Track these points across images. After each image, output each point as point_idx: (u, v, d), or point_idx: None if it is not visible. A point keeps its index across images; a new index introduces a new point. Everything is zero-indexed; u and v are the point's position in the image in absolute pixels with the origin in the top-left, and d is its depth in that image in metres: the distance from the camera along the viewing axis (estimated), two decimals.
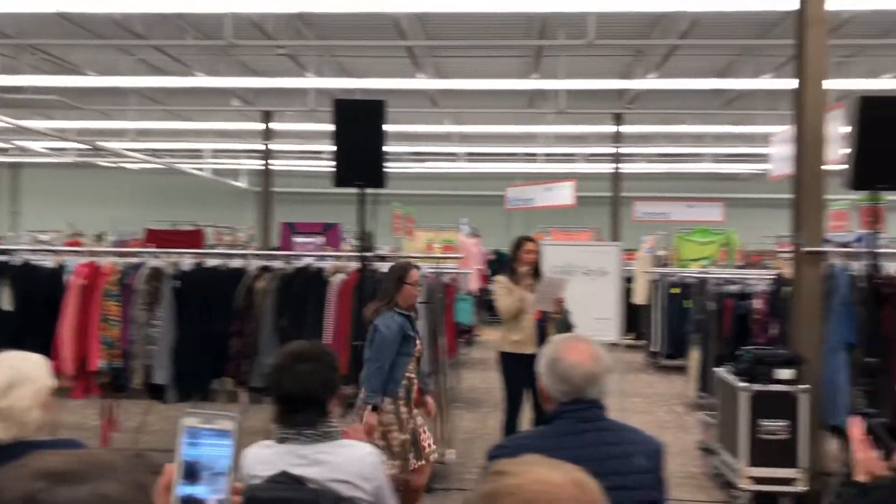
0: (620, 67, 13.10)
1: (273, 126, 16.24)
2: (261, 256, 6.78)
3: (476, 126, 17.39)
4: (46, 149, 20.63)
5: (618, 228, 15.78)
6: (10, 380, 2.23)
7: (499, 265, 12.22)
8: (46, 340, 5.85)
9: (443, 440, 6.20)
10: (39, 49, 11.70)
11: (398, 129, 16.21)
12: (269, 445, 2.42)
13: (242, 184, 23.33)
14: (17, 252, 6.71)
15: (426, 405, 4.86)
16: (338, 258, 6.77)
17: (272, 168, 16.85)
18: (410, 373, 4.71)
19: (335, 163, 5.64)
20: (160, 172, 23.58)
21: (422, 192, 22.93)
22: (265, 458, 2.37)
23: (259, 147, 16.85)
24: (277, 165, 18.64)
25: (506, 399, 5.81)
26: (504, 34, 11.13)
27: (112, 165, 23.50)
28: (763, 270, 9.93)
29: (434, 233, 14.16)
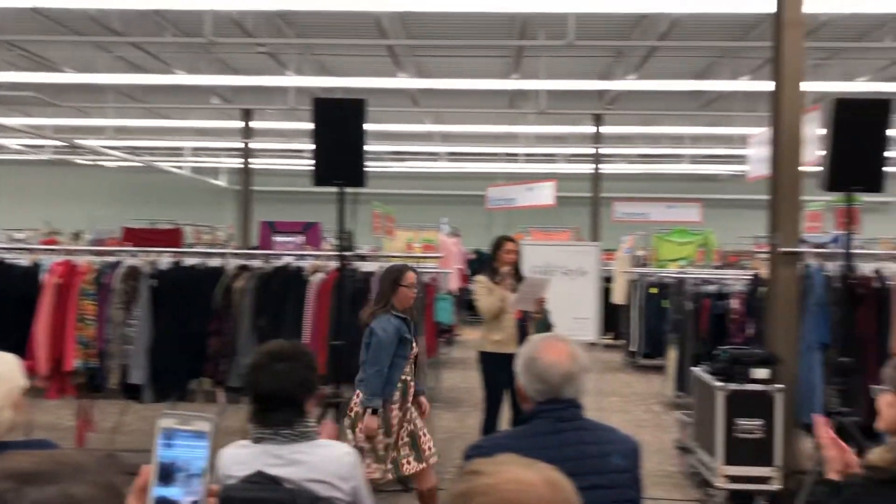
0: (600, 68, 13.16)
1: (253, 124, 16.14)
2: (239, 255, 6.73)
3: (457, 126, 17.40)
4: (22, 146, 20.38)
5: (597, 228, 15.85)
6: None
7: (479, 265, 12.23)
8: (21, 340, 5.77)
9: None
10: (15, 45, 11.55)
11: (379, 129, 16.18)
12: (245, 445, 2.40)
13: (222, 182, 23.18)
14: None
15: (420, 405, 4.86)
16: (317, 257, 6.74)
17: (252, 166, 16.76)
18: (406, 375, 4.70)
19: (315, 161, 5.62)
20: (139, 170, 23.38)
21: (403, 192, 22.91)
22: (241, 459, 2.35)
23: (239, 145, 16.75)
24: (257, 164, 18.55)
25: (485, 399, 5.82)
26: (485, 34, 11.14)
27: (89, 163, 23.27)
28: (740, 271, 10.01)
29: (414, 232, 14.15)
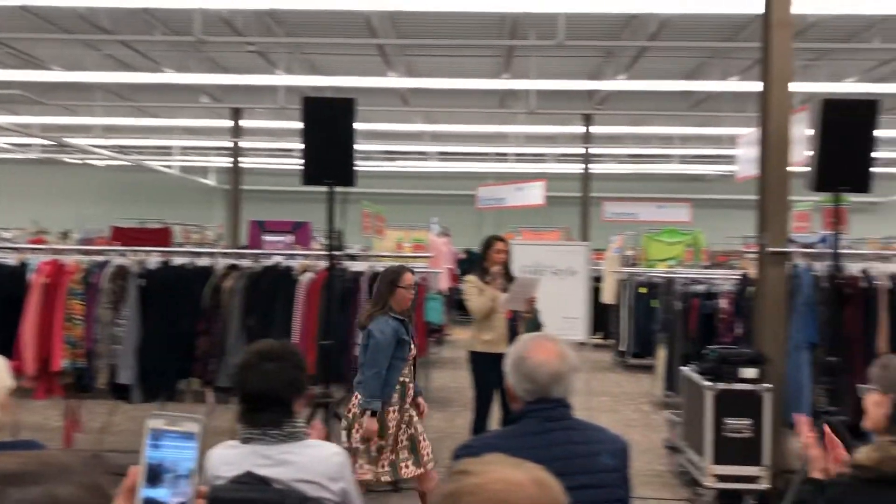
0: (590, 68, 13.19)
1: (242, 123, 16.09)
2: (228, 255, 6.71)
3: (447, 125, 17.40)
4: (10, 144, 20.26)
5: (587, 228, 15.88)
6: None
7: (470, 264, 12.25)
8: (8, 340, 5.75)
9: None
10: (3, 43, 11.47)
11: (369, 128, 16.17)
12: (234, 446, 2.39)
13: (211, 181, 23.10)
14: None
15: (418, 406, 4.86)
16: (306, 257, 6.73)
17: (241, 166, 16.71)
18: (405, 376, 4.69)
19: (304, 161, 5.61)
20: (127, 169, 23.27)
21: (393, 191, 22.89)
22: (230, 459, 2.34)
23: (228, 144, 16.70)
24: (247, 163, 18.49)
25: (475, 398, 5.82)
26: (475, 34, 11.15)
27: (78, 162, 23.15)
28: (729, 270, 10.05)
29: (404, 232, 14.14)
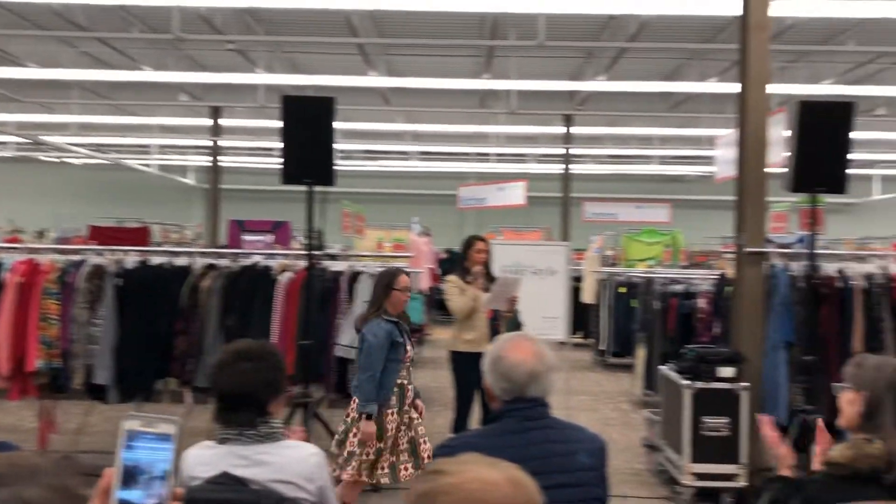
0: (570, 69, 13.24)
1: (222, 122, 16.00)
2: (207, 254, 6.65)
3: (428, 125, 17.40)
4: None
5: (567, 228, 15.94)
6: None
7: (451, 264, 12.26)
8: None
9: None
10: None
11: (350, 127, 16.13)
12: (210, 446, 2.37)
13: (190, 180, 22.93)
14: None
15: (417, 408, 4.85)
16: (285, 256, 6.69)
17: (221, 165, 16.61)
18: (402, 378, 4.68)
19: (284, 160, 5.58)
20: (105, 168, 23.05)
21: (373, 191, 22.86)
22: (206, 460, 2.32)
23: (207, 143, 16.58)
24: (226, 162, 18.38)
25: (457, 398, 5.81)
26: (456, 34, 11.15)
27: (54, 160, 22.90)
28: (707, 270, 10.13)
29: (385, 231, 14.13)
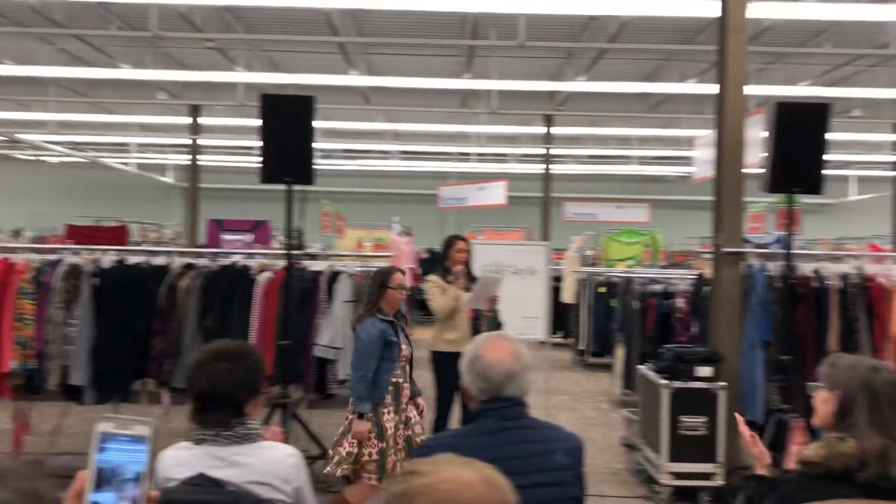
0: (551, 69, 13.28)
1: (201, 120, 15.89)
2: (185, 254, 6.60)
3: (409, 124, 17.38)
4: None
5: (548, 228, 15.98)
6: None
7: (431, 264, 12.25)
8: None
9: None
10: None
11: (330, 126, 16.08)
12: (187, 447, 2.35)
13: (169, 179, 22.76)
14: None
15: (417, 407, 4.85)
16: (265, 256, 6.66)
17: (200, 163, 16.49)
18: (397, 377, 4.66)
19: (262, 159, 5.55)
20: (83, 166, 22.83)
21: (354, 190, 22.81)
22: (182, 461, 2.30)
23: (186, 142, 16.46)
24: (205, 161, 18.26)
25: (438, 398, 5.80)
26: (436, 33, 11.15)
27: (31, 158, 22.64)
28: (686, 270, 10.20)
29: (365, 231, 14.11)
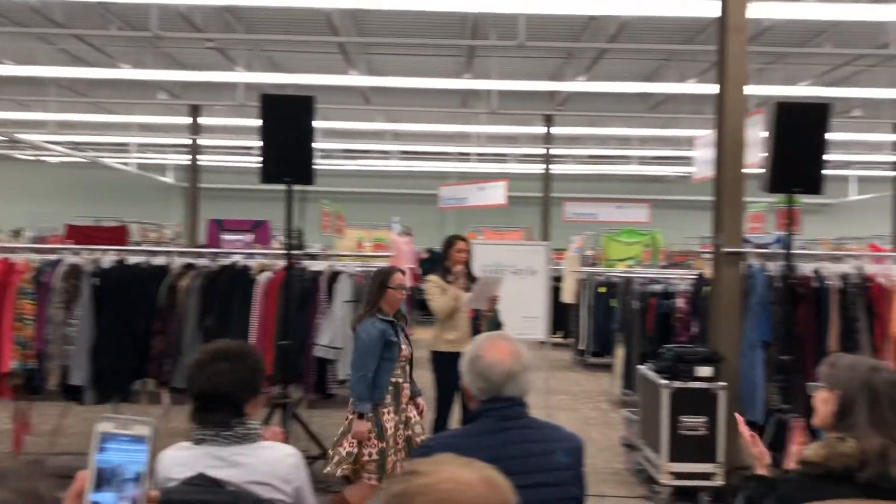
0: (551, 69, 13.28)
1: (201, 120, 15.89)
2: (184, 254, 6.60)
3: (409, 124, 17.38)
4: None
5: (548, 228, 15.98)
6: None
7: (431, 264, 12.26)
8: None
9: None
10: None
11: (330, 126, 16.08)
12: (187, 447, 2.35)
13: (169, 179, 22.76)
14: None
15: (417, 407, 4.85)
16: (265, 256, 6.66)
17: (200, 163, 16.49)
18: (397, 377, 4.66)
19: (262, 159, 5.55)
20: (83, 166, 22.83)
21: (354, 190, 22.81)
22: (182, 461, 2.30)
23: (186, 142, 16.46)
24: (205, 161, 18.26)
25: (438, 398, 5.80)
26: (436, 33, 11.15)
27: (31, 158, 22.64)
28: (685, 270, 10.20)
29: (366, 231, 14.12)
